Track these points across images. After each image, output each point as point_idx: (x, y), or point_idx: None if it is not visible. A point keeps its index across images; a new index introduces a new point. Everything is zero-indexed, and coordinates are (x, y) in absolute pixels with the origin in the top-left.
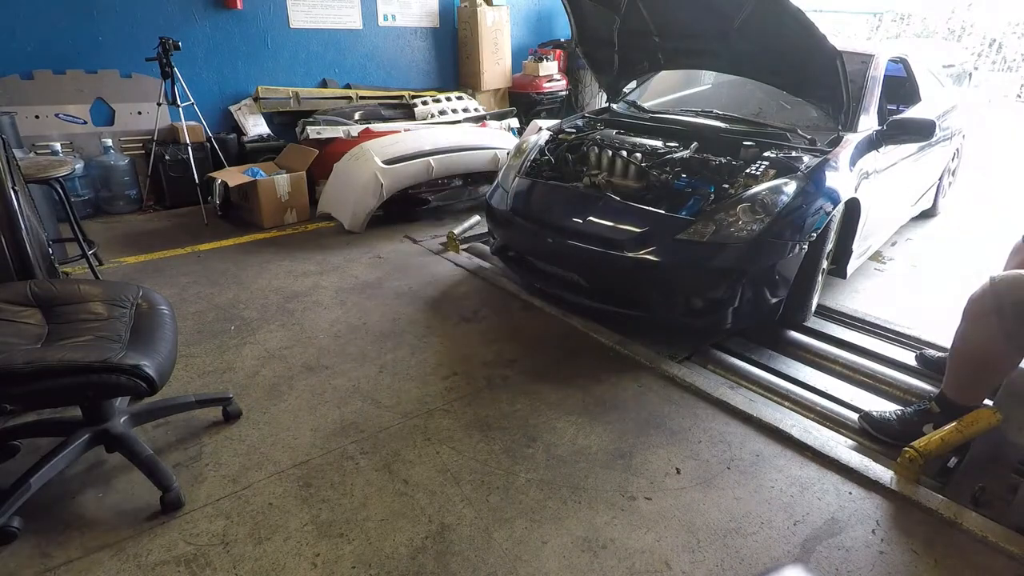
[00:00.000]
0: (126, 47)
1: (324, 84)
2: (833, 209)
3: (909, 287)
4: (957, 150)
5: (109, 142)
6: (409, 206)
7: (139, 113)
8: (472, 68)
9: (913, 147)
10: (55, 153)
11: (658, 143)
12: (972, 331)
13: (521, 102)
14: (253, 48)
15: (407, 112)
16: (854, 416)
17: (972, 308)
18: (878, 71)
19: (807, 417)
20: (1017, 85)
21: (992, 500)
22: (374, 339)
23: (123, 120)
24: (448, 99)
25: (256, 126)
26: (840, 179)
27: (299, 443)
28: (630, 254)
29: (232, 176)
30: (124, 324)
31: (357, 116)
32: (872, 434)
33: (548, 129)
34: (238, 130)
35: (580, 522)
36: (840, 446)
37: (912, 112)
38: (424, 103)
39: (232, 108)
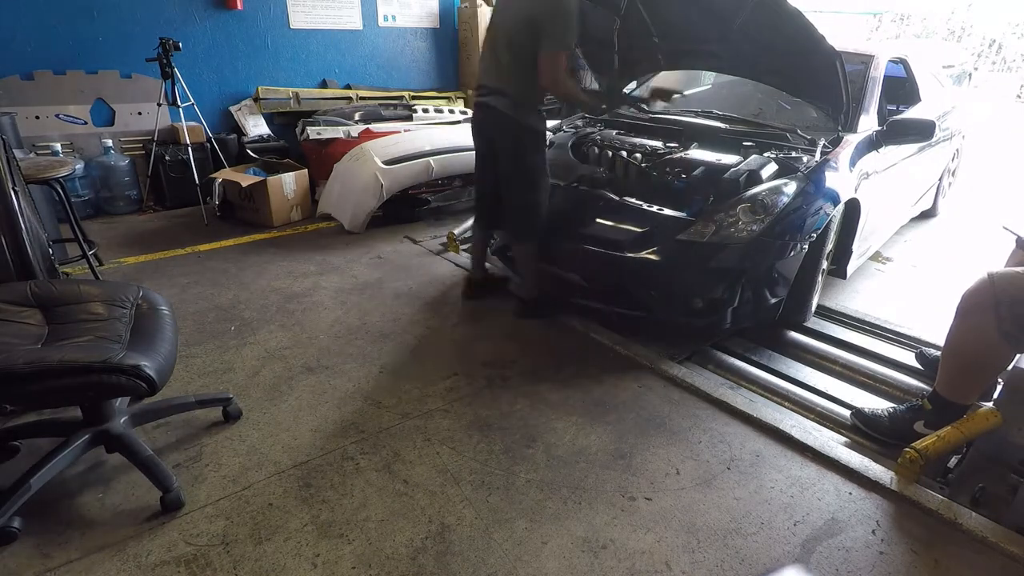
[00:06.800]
0: (126, 47)
1: (324, 84)
2: (833, 209)
3: (909, 287)
4: (957, 150)
5: (109, 142)
6: (409, 206)
7: (139, 113)
8: (472, 68)
9: (913, 147)
10: (55, 153)
11: (658, 143)
12: (967, 326)
13: None
14: (253, 48)
15: (407, 112)
16: None
17: (968, 303)
18: (878, 71)
19: (807, 417)
20: (1017, 85)
21: (992, 500)
22: (374, 339)
23: (123, 120)
24: (451, 111)
25: (256, 127)
26: (840, 179)
27: (299, 443)
28: (630, 254)
29: (240, 177)
30: (124, 324)
31: (357, 116)
32: (863, 430)
33: (548, 129)
34: (238, 130)
35: (580, 522)
36: (840, 446)
37: (912, 112)
38: (425, 111)
39: (232, 109)
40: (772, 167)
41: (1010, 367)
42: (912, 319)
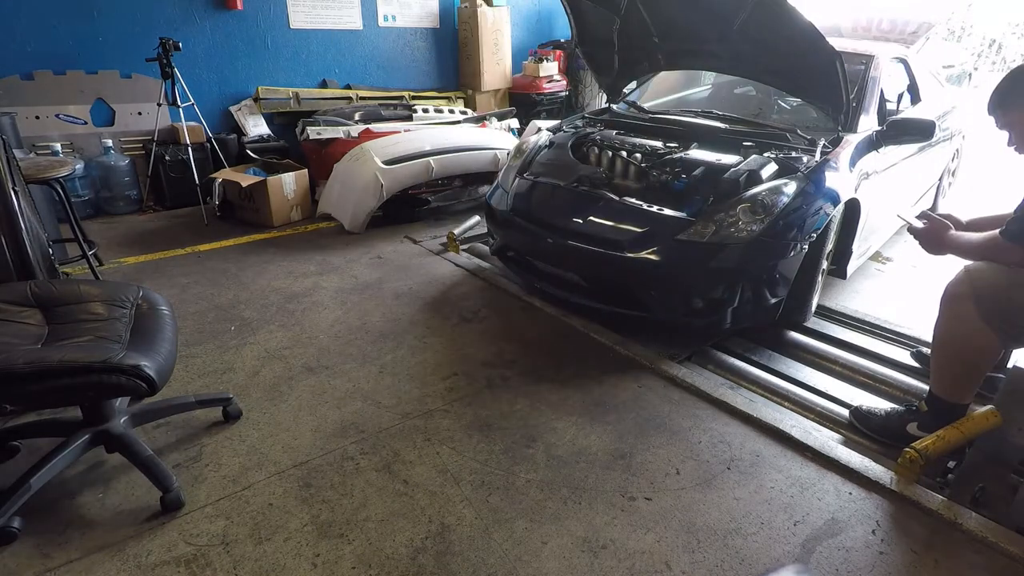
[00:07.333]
0: (126, 47)
1: (324, 84)
2: (833, 209)
3: (909, 287)
4: (957, 150)
5: (109, 142)
6: (409, 206)
7: (139, 113)
8: (472, 68)
9: (913, 147)
10: (55, 153)
11: (658, 143)
12: (951, 318)
13: (521, 103)
14: (253, 49)
15: (407, 112)
16: None
17: (949, 295)
18: (878, 71)
19: (807, 417)
20: None
21: (992, 500)
22: (374, 339)
23: (123, 120)
24: (451, 111)
25: (256, 127)
26: (840, 179)
27: (299, 443)
28: (630, 254)
29: (240, 177)
30: (124, 324)
31: (357, 116)
32: (856, 427)
33: (547, 130)
34: (238, 131)
35: (580, 522)
36: (840, 446)
37: (912, 112)
38: (425, 111)
39: (232, 109)
40: (772, 167)
41: (1010, 365)
42: (912, 319)
